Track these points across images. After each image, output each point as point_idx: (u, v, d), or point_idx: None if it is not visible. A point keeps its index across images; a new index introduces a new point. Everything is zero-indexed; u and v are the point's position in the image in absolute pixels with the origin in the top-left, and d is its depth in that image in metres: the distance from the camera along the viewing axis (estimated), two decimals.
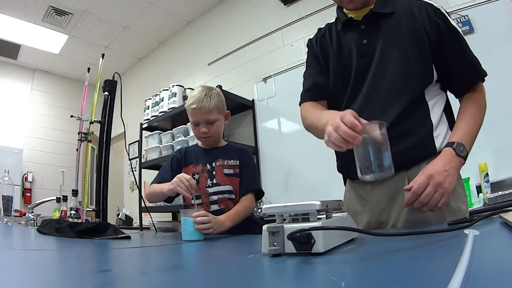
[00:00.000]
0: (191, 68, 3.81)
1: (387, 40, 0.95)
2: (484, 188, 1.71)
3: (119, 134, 3.61)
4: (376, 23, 0.96)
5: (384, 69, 0.94)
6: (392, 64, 0.94)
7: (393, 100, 0.93)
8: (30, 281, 0.46)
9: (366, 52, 0.97)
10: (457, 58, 0.92)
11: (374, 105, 0.95)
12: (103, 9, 3.57)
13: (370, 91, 0.96)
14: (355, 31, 0.99)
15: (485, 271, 0.34)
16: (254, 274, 0.46)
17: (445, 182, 0.80)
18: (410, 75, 0.92)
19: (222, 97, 1.36)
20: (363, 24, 0.98)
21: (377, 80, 0.95)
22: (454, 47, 0.92)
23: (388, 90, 0.93)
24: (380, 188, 0.96)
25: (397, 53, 0.93)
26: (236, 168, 1.33)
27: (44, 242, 1.06)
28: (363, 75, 0.97)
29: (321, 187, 2.42)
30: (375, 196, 0.97)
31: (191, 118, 1.32)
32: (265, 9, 3.06)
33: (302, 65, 1.20)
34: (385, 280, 0.35)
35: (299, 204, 0.54)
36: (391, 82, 0.93)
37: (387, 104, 0.93)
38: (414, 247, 0.53)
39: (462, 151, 0.84)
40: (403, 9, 0.95)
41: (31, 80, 4.79)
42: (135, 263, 0.68)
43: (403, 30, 0.93)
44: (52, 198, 1.86)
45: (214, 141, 1.37)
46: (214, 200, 1.29)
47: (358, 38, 0.98)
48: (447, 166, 0.82)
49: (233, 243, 0.97)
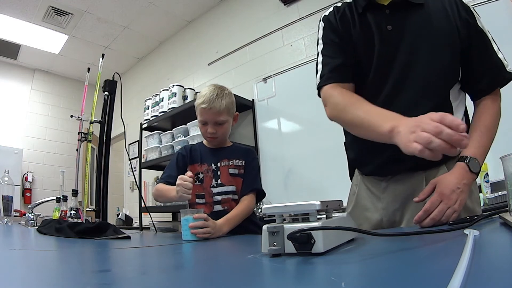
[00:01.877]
0: (191, 68, 3.81)
1: (416, 32, 0.87)
2: (484, 188, 1.71)
3: (119, 134, 3.60)
4: (404, 11, 0.88)
5: (413, 63, 0.87)
6: (423, 58, 0.86)
7: (421, 98, 0.86)
8: (30, 281, 0.46)
9: (390, 40, 0.88)
10: (480, 61, 0.89)
11: (399, 101, 0.87)
12: (103, 9, 3.57)
13: (396, 86, 0.88)
14: (379, 15, 0.89)
15: (485, 271, 0.34)
16: (254, 274, 0.46)
17: (458, 200, 0.77)
18: (441, 73, 0.87)
19: (233, 98, 1.34)
20: (388, 9, 0.89)
21: (404, 75, 0.87)
22: (479, 49, 0.89)
23: (417, 87, 0.87)
24: (395, 186, 0.92)
25: (428, 48, 0.86)
26: (241, 169, 1.32)
27: (44, 242, 1.06)
28: (388, 66, 0.89)
29: (321, 187, 2.43)
30: (390, 195, 0.93)
31: (200, 117, 1.30)
32: (265, 9, 3.06)
33: (302, 65, 1.19)
34: (385, 280, 0.35)
35: (299, 204, 0.54)
36: (421, 79, 0.87)
37: (414, 101, 0.86)
38: (414, 247, 0.53)
39: (476, 167, 0.81)
40: (434, 3, 0.89)
41: (31, 80, 4.79)
42: (135, 263, 0.68)
43: (434, 24, 0.87)
44: (52, 198, 1.86)
45: (220, 141, 1.36)
46: (218, 200, 1.28)
47: (382, 23, 0.88)
48: (460, 183, 0.78)
49: (233, 243, 0.97)
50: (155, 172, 3.65)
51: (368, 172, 1.00)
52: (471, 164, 0.80)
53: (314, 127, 2.52)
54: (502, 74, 0.88)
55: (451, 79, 0.89)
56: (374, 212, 0.96)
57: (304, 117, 2.63)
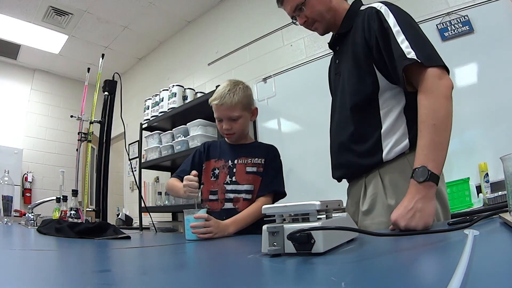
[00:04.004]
0: (191, 68, 3.81)
1: (343, 57, 1.06)
2: (484, 188, 1.71)
3: (119, 134, 3.61)
4: (341, 43, 1.09)
5: (342, 85, 1.05)
6: (345, 78, 1.04)
7: (344, 112, 1.03)
8: (30, 281, 0.46)
9: (338, 70, 1.10)
10: (386, 56, 0.89)
11: (335, 119, 1.10)
12: (103, 9, 3.57)
13: (335, 105, 1.12)
14: (334, 52, 1.15)
15: (485, 271, 0.34)
16: (254, 274, 0.46)
17: (416, 223, 0.73)
18: (352, 88, 1.00)
19: (247, 92, 1.31)
20: (337, 45, 1.12)
21: (339, 95, 1.08)
22: (384, 46, 0.89)
23: (341, 105, 1.06)
24: (350, 193, 1.10)
25: (346, 68, 1.03)
26: (260, 167, 1.29)
27: (44, 242, 1.06)
28: (336, 90, 1.10)
29: (321, 187, 2.42)
30: (349, 200, 1.11)
31: (215, 113, 1.30)
32: (265, 9, 3.06)
33: (302, 65, 1.24)
34: (385, 280, 0.35)
35: (299, 204, 0.54)
36: (341, 98, 1.05)
37: (341, 117, 1.05)
38: (414, 247, 0.53)
39: (422, 176, 0.76)
40: (356, 24, 1.00)
41: (31, 80, 4.79)
42: (135, 263, 0.68)
43: (350, 45, 1.02)
44: (52, 198, 1.86)
45: (238, 138, 1.34)
46: (230, 198, 1.26)
47: (334, 59, 1.15)
48: (411, 203, 0.75)
49: (233, 243, 0.97)
50: (155, 172, 3.65)
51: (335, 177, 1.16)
52: (417, 176, 0.77)
53: (314, 127, 2.52)
54: (400, 62, 0.84)
55: (364, 90, 0.97)
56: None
57: (304, 117, 2.63)
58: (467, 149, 1.82)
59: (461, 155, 1.80)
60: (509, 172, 0.58)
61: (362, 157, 0.98)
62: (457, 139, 1.83)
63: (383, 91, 0.95)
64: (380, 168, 0.95)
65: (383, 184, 0.94)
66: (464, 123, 1.79)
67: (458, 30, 1.94)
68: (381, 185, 0.94)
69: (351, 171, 1.05)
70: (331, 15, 1.05)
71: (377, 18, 0.92)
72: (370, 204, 0.96)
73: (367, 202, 0.97)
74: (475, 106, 1.83)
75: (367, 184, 0.99)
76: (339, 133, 1.05)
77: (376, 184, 0.96)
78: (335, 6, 1.05)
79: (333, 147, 1.11)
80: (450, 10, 2.00)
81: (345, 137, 1.02)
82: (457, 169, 1.78)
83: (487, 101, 1.81)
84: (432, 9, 2.08)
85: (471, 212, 1.60)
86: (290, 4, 1.07)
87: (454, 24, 1.96)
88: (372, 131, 0.96)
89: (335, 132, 1.09)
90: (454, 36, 1.95)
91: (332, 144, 1.12)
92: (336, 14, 1.05)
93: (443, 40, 1.97)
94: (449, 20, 1.99)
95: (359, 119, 0.98)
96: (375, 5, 0.95)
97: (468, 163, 1.78)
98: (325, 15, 1.04)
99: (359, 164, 0.99)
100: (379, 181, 0.95)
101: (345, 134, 1.02)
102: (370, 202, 0.97)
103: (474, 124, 1.84)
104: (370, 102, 0.96)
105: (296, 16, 1.09)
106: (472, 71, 1.91)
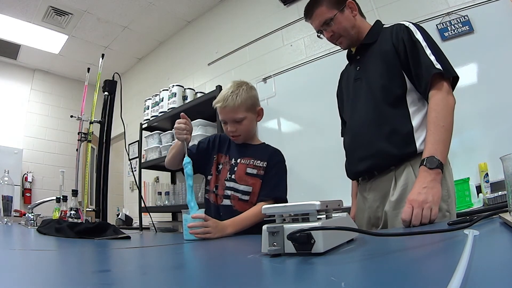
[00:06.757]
0: (191, 68, 3.81)
1: (368, 64, 1.17)
2: (484, 188, 1.71)
3: (119, 134, 3.61)
4: (364, 53, 1.20)
5: (368, 86, 1.15)
6: (372, 81, 1.14)
7: (374, 109, 1.11)
8: (30, 281, 0.46)
9: (358, 76, 1.20)
10: (414, 64, 1.04)
11: (361, 117, 1.16)
12: (103, 9, 3.57)
13: (355, 106, 1.19)
14: (354, 61, 1.26)
15: (485, 271, 0.34)
16: (254, 274, 0.46)
17: (428, 197, 0.87)
18: (383, 87, 1.10)
19: (252, 93, 1.30)
20: (358, 55, 1.23)
21: (363, 96, 1.17)
22: (413, 55, 1.05)
23: (367, 104, 1.14)
24: (375, 187, 1.12)
25: (375, 71, 1.13)
26: (261, 170, 1.27)
27: (44, 242, 1.06)
28: (357, 93, 1.20)
29: (321, 187, 2.43)
30: (372, 195, 1.13)
31: (220, 116, 1.29)
32: (265, 9, 3.06)
33: (302, 65, 1.24)
34: (385, 280, 0.35)
35: (299, 204, 0.54)
36: (367, 98, 1.14)
37: (369, 114, 1.13)
38: (414, 247, 0.53)
39: (432, 163, 0.91)
40: (384, 36, 1.14)
41: (31, 80, 4.79)
42: (135, 263, 0.68)
43: (378, 52, 1.14)
44: (52, 198, 1.86)
45: (245, 139, 1.33)
46: (228, 195, 1.26)
47: (354, 66, 1.25)
48: (424, 183, 0.90)
49: (233, 243, 0.97)
50: (155, 172, 3.65)
51: (352, 178, 1.26)
52: (428, 163, 0.92)
53: (314, 127, 2.52)
54: (429, 71, 1.00)
55: (393, 89, 1.08)
56: (364, 212, 1.17)
57: (304, 117, 2.63)
58: (467, 149, 1.82)
59: (461, 155, 1.80)
60: (509, 172, 0.58)
61: (397, 147, 1.04)
62: (457, 139, 1.83)
63: (410, 91, 1.08)
64: (411, 160, 1.03)
65: (415, 174, 1.01)
66: (464, 123, 1.79)
67: (458, 30, 1.94)
68: (413, 175, 1.02)
69: (382, 161, 1.08)
70: (355, 32, 1.18)
71: (407, 32, 1.07)
72: (400, 194, 1.02)
73: (397, 191, 1.03)
74: (475, 106, 1.83)
75: (397, 176, 1.05)
76: (369, 128, 1.11)
77: (408, 174, 1.03)
78: (359, 24, 1.19)
79: (359, 141, 1.16)
80: (450, 10, 2.00)
81: (377, 130, 1.09)
82: (457, 169, 1.76)
83: (487, 101, 1.81)
84: (432, 9, 2.08)
85: (471, 212, 1.60)
86: (319, 19, 1.18)
87: (454, 24, 1.96)
88: (404, 125, 1.05)
89: (361, 127, 1.15)
90: (454, 36, 1.95)
91: (357, 139, 1.16)
92: (359, 31, 1.19)
93: (443, 40, 1.97)
94: (449, 20, 1.99)
95: (392, 114, 1.07)
96: (403, 23, 1.11)
97: (468, 163, 1.78)
98: (350, 31, 1.18)
99: (393, 154, 1.05)
100: (411, 172, 1.03)
101: (377, 128, 1.09)
102: (400, 191, 1.03)
103: (474, 124, 1.84)
104: (400, 99, 1.08)
105: (322, 30, 1.20)
106: (472, 71, 1.91)
